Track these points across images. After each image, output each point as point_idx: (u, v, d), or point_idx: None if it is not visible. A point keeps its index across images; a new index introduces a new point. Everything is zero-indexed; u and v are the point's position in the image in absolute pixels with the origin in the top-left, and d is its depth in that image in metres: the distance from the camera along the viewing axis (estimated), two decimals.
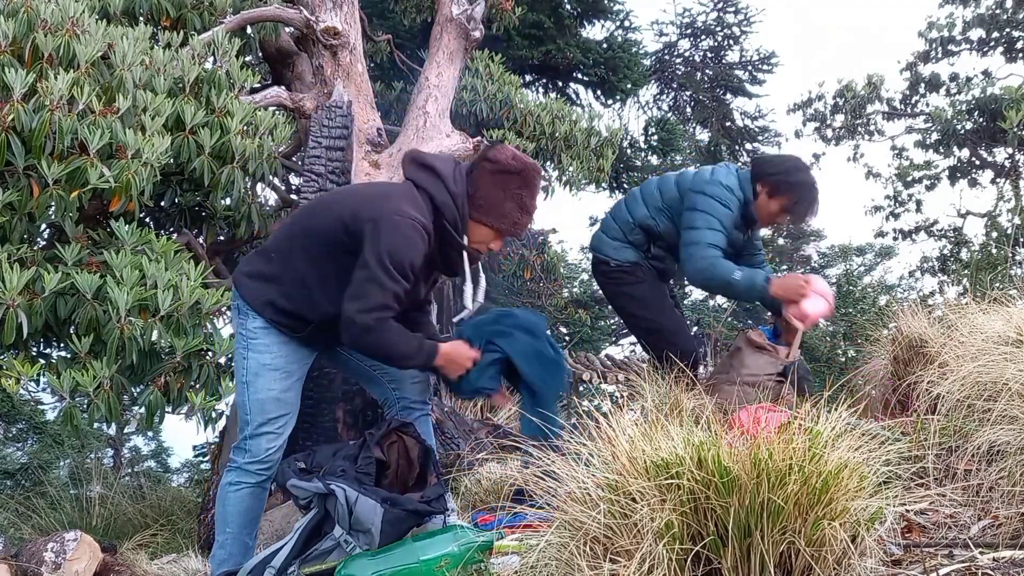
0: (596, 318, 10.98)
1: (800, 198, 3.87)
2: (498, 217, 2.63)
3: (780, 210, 3.90)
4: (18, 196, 3.24)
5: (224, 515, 2.70)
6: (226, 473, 2.73)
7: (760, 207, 3.91)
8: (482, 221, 2.64)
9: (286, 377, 2.69)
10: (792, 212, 3.92)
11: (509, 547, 2.42)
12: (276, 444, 2.68)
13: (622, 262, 4.09)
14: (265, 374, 2.66)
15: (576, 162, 7.12)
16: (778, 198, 3.87)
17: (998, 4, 11.50)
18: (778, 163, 4.01)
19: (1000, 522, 2.04)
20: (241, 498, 2.69)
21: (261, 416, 2.65)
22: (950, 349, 2.95)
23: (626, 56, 10.55)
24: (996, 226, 8.63)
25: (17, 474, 10.03)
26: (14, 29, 3.46)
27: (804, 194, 3.88)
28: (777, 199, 3.87)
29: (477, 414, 5.04)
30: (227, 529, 2.69)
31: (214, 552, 2.75)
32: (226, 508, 2.69)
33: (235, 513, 2.69)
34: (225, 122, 3.88)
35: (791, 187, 3.87)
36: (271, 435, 2.67)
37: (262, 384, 2.66)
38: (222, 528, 2.71)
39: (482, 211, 2.62)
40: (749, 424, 2.58)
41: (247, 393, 2.67)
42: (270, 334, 2.65)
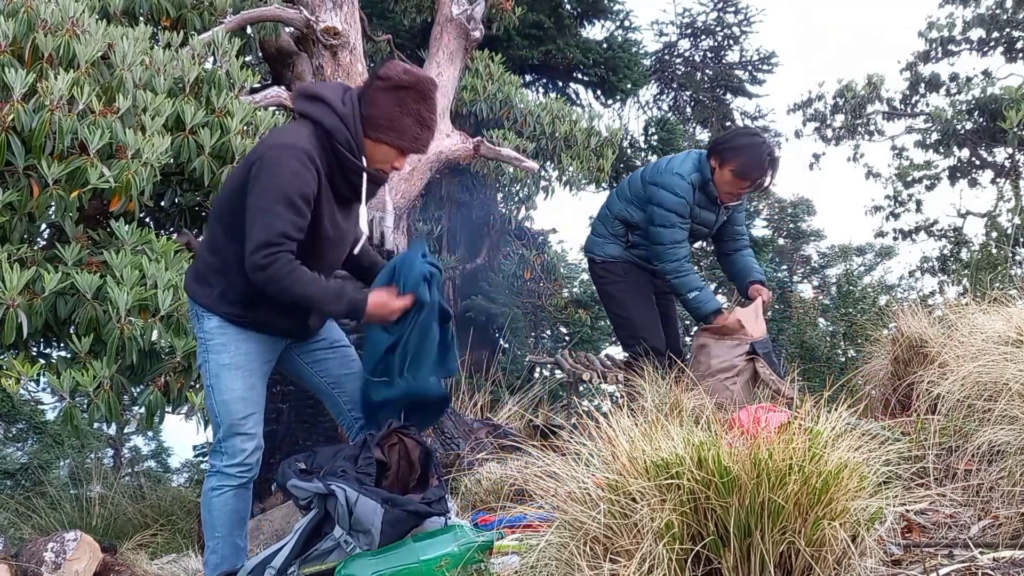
0: (596, 318, 10.96)
1: (746, 158, 3.96)
2: (397, 134, 2.53)
3: (733, 177, 3.99)
4: (18, 196, 3.24)
5: (211, 520, 2.67)
6: (207, 478, 2.70)
7: (717, 182, 4.04)
8: (381, 140, 2.54)
9: (247, 375, 2.64)
10: (744, 176, 3.99)
11: (509, 547, 2.42)
12: (251, 445, 2.65)
13: (605, 257, 4.31)
14: (224, 374, 2.61)
15: (576, 162, 7.13)
16: (727, 165, 3.98)
17: (998, 4, 11.49)
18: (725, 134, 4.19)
19: (1000, 522, 2.04)
20: (225, 501, 2.66)
21: (229, 418, 2.61)
22: (950, 349, 2.96)
23: (626, 56, 10.54)
24: (996, 226, 8.62)
25: (17, 474, 10.03)
26: (14, 29, 3.46)
27: (750, 154, 3.96)
28: (727, 167, 3.99)
29: (477, 414, 5.04)
30: (216, 534, 2.66)
31: (207, 558, 2.72)
32: (212, 513, 2.66)
33: (221, 516, 2.67)
34: (225, 122, 3.88)
35: (735, 150, 3.97)
36: (243, 436, 2.63)
37: (224, 385, 2.61)
38: (211, 533, 2.68)
39: (380, 129, 2.52)
40: (749, 424, 2.58)
41: (212, 396, 2.63)
42: (226, 332, 2.60)
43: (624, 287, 4.27)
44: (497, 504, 2.79)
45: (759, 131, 4.35)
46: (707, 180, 4.03)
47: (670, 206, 4.00)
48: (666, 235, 4.03)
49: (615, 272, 4.28)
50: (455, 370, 2.82)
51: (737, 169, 3.97)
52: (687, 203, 4.02)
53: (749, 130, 4.25)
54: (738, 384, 3.94)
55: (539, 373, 9.36)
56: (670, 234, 4.03)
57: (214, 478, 2.65)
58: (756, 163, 3.97)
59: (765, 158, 3.98)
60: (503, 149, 5.65)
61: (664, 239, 4.04)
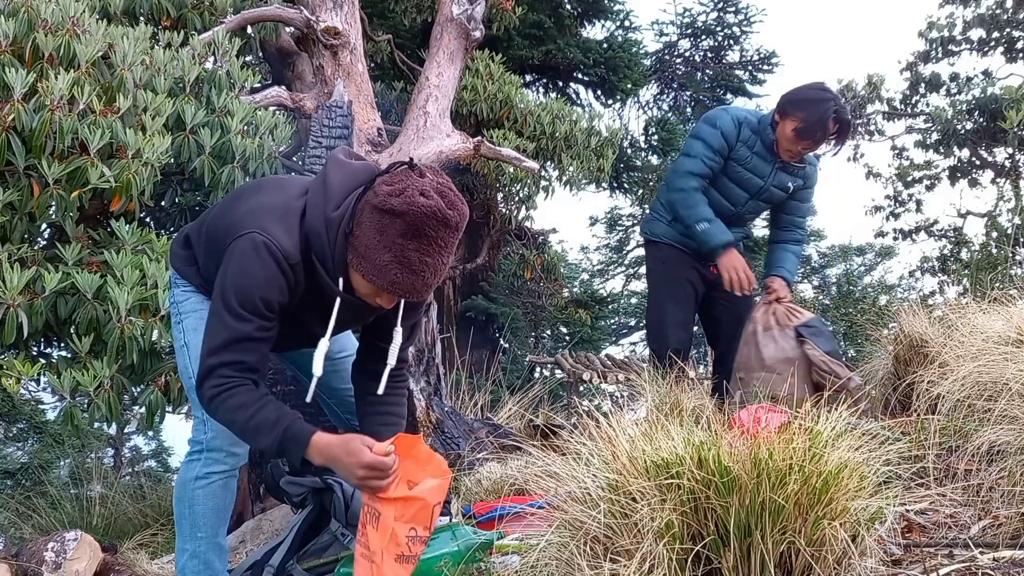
0: (596, 318, 10.97)
1: (808, 114, 3.64)
2: (370, 268, 1.96)
3: (794, 134, 3.68)
4: (18, 196, 3.24)
5: (193, 517, 2.23)
6: (187, 465, 2.24)
7: (779, 138, 3.74)
8: (354, 267, 2.00)
9: None
10: (804, 135, 3.67)
11: (509, 546, 2.42)
12: None
13: (650, 236, 4.06)
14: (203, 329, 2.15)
15: (576, 162, 7.13)
16: (788, 120, 3.69)
17: (998, 4, 11.49)
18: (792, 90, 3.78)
19: (1000, 522, 2.04)
20: (213, 493, 2.23)
21: None
22: (950, 349, 2.96)
23: (626, 56, 10.54)
24: (996, 226, 8.63)
25: (17, 474, 10.04)
26: (15, 29, 3.46)
27: (812, 109, 3.64)
28: (788, 121, 3.69)
29: (477, 414, 5.04)
30: (199, 534, 2.23)
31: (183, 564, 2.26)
32: (195, 508, 2.22)
33: (206, 513, 2.23)
34: (225, 122, 3.88)
35: (797, 104, 3.68)
36: None
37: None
38: (191, 534, 2.24)
39: (356, 254, 1.98)
40: (749, 424, 2.58)
41: (188, 355, 2.26)
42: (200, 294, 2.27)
43: (658, 275, 4.03)
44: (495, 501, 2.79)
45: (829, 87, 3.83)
46: (765, 126, 3.74)
47: (703, 135, 3.75)
48: (683, 163, 3.76)
49: (655, 257, 4.04)
50: None
51: (799, 126, 3.66)
52: (723, 136, 3.72)
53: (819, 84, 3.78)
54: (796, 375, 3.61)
55: (539, 373, 9.37)
56: (688, 163, 3.74)
57: (198, 464, 2.21)
58: (818, 121, 3.63)
59: (830, 116, 3.63)
60: (503, 149, 5.65)
61: (679, 166, 3.77)
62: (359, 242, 1.97)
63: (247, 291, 1.98)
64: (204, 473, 2.21)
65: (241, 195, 2.23)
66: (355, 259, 1.98)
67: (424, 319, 4.06)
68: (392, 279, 1.95)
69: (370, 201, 1.96)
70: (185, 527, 2.25)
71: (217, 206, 2.30)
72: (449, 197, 1.95)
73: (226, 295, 1.99)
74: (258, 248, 1.99)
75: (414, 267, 1.94)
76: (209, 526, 2.24)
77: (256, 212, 2.06)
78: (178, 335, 2.32)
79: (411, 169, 1.98)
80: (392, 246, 1.93)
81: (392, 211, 1.91)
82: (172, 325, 2.36)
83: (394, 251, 1.93)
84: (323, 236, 2.01)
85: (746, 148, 3.79)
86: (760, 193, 3.89)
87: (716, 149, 3.75)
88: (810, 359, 3.65)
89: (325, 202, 2.03)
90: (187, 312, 2.29)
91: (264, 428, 1.98)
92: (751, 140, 3.78)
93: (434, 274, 1.98)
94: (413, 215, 1.90)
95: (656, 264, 4.06)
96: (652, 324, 4.14)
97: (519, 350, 10.13)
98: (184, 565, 2.26)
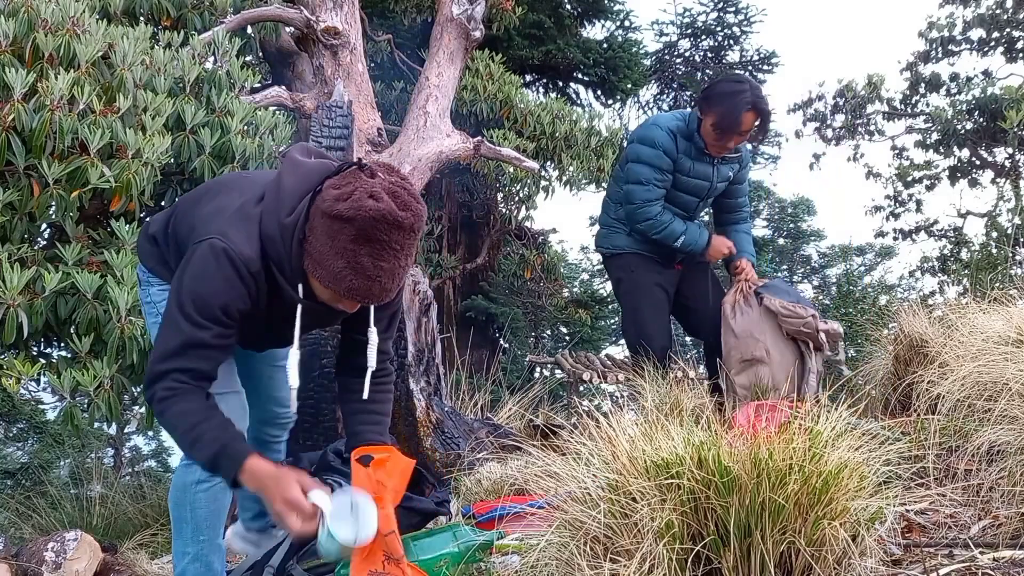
0: (596, 318, 10.97)
1: (724, 108, 3.66)
2: (325, 274, 1.91)
3: (713, 130, 3.71)
4: (18, 196, 3.24)
5: (195, 521, 2.19)
6: (185, 470, 2.19)
7: (704, 134, 3.77)
8: (311, 273, 1.95)
9: None
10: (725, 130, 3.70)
11: (509, 546, 2.42)
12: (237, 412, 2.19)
13: (612, 250, 4.11)
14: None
15: (576, 162, 7.13)
16: (706, 116, 3.72)
17: (998, 4, 11.49)
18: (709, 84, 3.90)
19: (1000, 522, 2.04)
20: (214, 496, 2.18)
21: None
22: (950, 349, 2.96)
23: (626, 56, 10.54)
24: (996, 226, 8.63)
25: (17, 474, 10.04)
26: (14, 29, 3.46)
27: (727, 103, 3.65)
28: (707, 117, 3.72)
29: (477, 414, 5.04)
30: (201, 537, 2.20)
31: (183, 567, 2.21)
32: (196, 512, 2.18)
33: (208, 516, 2.19)
34: (225, 122, 3.88)
35: (712, 100, 3.70)
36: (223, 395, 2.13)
37: None
38: (193, 537, 2.20)
39: (311, 260, 1.93)
40: (749, 424, 2.58)
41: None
42: None
43: (630, 284, 4.07)
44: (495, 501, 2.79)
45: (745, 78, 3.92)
46: (693, 132, 3.77)
47: (646, 158, 3.77)
48: (638, 193, 3.80)
49: (621, 267, 4.08)
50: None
51: (716, 120, 3.69)
52: (664, 154, 3.75)
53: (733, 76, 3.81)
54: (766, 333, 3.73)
55: (539, 373, 9.36)
56: (643, 192, 3.78)
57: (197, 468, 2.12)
58: (733, 114, 3.66)
59: (745, 108, 3.65)
60: (503, 149, 5.64)
61: (636, 197, 3.81)
62: (313, 248, 1.92)
63: (205, 298, 1.93)
64: (205, 477, 2.15)
65: (203, 195, 2.18)
66: (311, 265, 1.94)
67: (424, 319, 4.06)
68: (348, 286, 1.90)
69: (319, 206, 1.89)
70: (186, 531, 2.21)
71: (180, 204, 2.26)
72: (402, 197, 1.87)
73: (183, 301, 1.94)
74: (217, 255, 1.93)
75: (368, 273, 1.88)
76: (210, 528, 2.21)
77: (216, 216, 2.01)
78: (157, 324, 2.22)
79: (360, 170, 1.92)
80: (344, 252, 1.86)
81: (339, 216, 1.84)
82: (150, 326, 2.31)
83: (346, 257, 1.86)
84: (278, 243, 1.95)
85: (686, 157, 3.83)
86: (709, 194, 3.99)
87: (663, 169, 3.80)
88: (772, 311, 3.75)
89: (278, 207, 1.97)
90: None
91: (204, 439, 1.94)
92: (687, 148, 3.82)
93: (391, 278, 1.91)
94: (362, 220, 1.83)
95: (624, 274, 4.09)
96: (630, 332, 4.19)
97: (519, 350, 10.13)
98: (185, 569, 2.23)
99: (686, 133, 3.80)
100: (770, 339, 3.73)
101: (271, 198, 2.00)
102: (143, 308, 2.33)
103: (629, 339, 4.21)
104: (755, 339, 3.73)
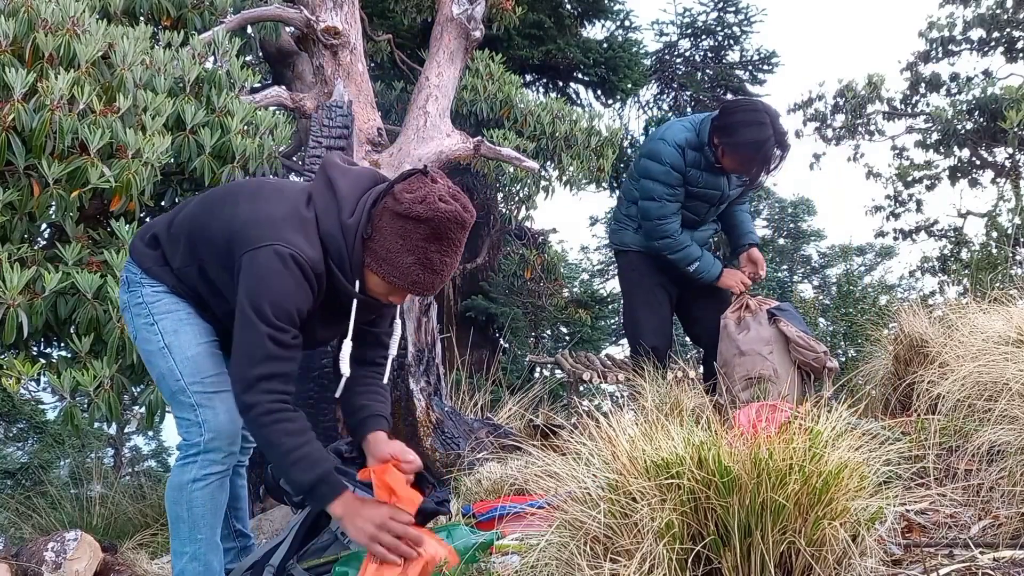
0: (596, 318, 10.97)
1: (749, 158, 3.69)
2: (391, 269, 2.08)
3: (738, 166, 3.75)
4: (19, 196, 3.24)
5: (192, 520, 2.21)
6: (181, 468, 2.21)
7: (722, 162, 3.78)
8: (372, 269, 2.11)
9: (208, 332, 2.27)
10: (749, 166, 3.74)
11: (509, 546, 2.42)
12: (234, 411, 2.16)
13: (619, 246, 4.15)
14: (185, 329, 2.23)
15: (576, 162, 7.13)
16: (729, 156, 3.74)
17: (998, 4, 11.48)
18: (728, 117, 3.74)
19: (1000, 522, 2.04)
20: (211, 494, 2.22)
21: (198, 374, 2.21)
22: (950, 349, 2.96)
23: (626, 56, 10.54)
24: (996, 226, 8.62)
25: (17, 474, 10.04)
26: (15, 29, 3.46)
27: (753, 153, 3.67)
28: (729, 156, 3.74)
29: (477, 414, 5.04)
30: (198, 536, 2.22)
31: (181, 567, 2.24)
32: (193, 511, 2.21)
33: (205, 514, 2.22)
34: (225, 122, 3.88)
35: (737, 147, 3.69)
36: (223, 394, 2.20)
37: (187, 340, 2.23)
38: (191, 536, 2.23)
39: (375, 258, 2.09)
40: (749, 424, 2.58)
41: (171, 357, 2.22)
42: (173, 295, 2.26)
43: (630, 283, 4.12)
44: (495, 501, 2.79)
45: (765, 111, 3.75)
46: (704, 144, 3.74)
47: (655, 175, 3.77)
48: (653, 210, 3.81)
49: (625, 264, 4.12)
50: None
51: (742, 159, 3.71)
52: (672, 170, 3.75)
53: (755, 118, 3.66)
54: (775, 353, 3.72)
55: (539, 373, 9.37)
56: (657, 209, 3.80)
57: (194, 465, 2.19)
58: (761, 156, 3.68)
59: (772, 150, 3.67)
60: (503, 149, 5.64)
61: (651, 214, 3.83)
62: (379, 246, 2.08)
63: (280, 302, 2.04)
64: (202, 475, 2.20)
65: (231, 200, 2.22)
66: (374, 263, 2.10)
67: (424, 319, 4.06)
68: (414, 279, 2.08)
69: (391, 208, 2.06)
70: (183, 530, 2.23)
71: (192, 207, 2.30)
72: (462, 200, 2.09)
73: (259, 308, 2.03)
74: (286, 261, 2.04)
75: (435, 268, 2.08)
76: (208, 527, 2.24)
77: (270, 223, 2.10)
78: (153, 337, 2.26)
79: (424, 175, 2.10)
80: (415, 249, 2.05)
81: (418, 217, 2.03)
82: (140, 327, 2.29)
83: (417, 254, 2.06)
84: (340, 241, 2.10)
85: (696, 170, 3.82)
86: (721, 200, 4.00)
87: (674, 185, 3.80)
88: (786, 335, 3.74)
89: (338, 208, 2.11)
90: (162, 313, 2.25)
91: (305, 464, 2.05)
92: (697, 159, 3.80)
93: (450, 272, 2.13)
94: (438, 220, 2.03)
95: (628, 272, 4.14)
96: (629, 329, 4.27)
97: (519, 350, 10.13)
98: (183, 568, 2.24)
99: (696, 145, 3.77)
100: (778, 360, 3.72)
101: (326, 201, 2.13)
102: (130, 309, 2.32)
103: (627, 336, 4.31)
104: (763, 358, 3.71)
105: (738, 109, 3.81)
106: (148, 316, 2.26)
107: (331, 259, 2.11)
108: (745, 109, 3.81)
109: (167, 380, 2.26)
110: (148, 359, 2.31)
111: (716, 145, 3.75)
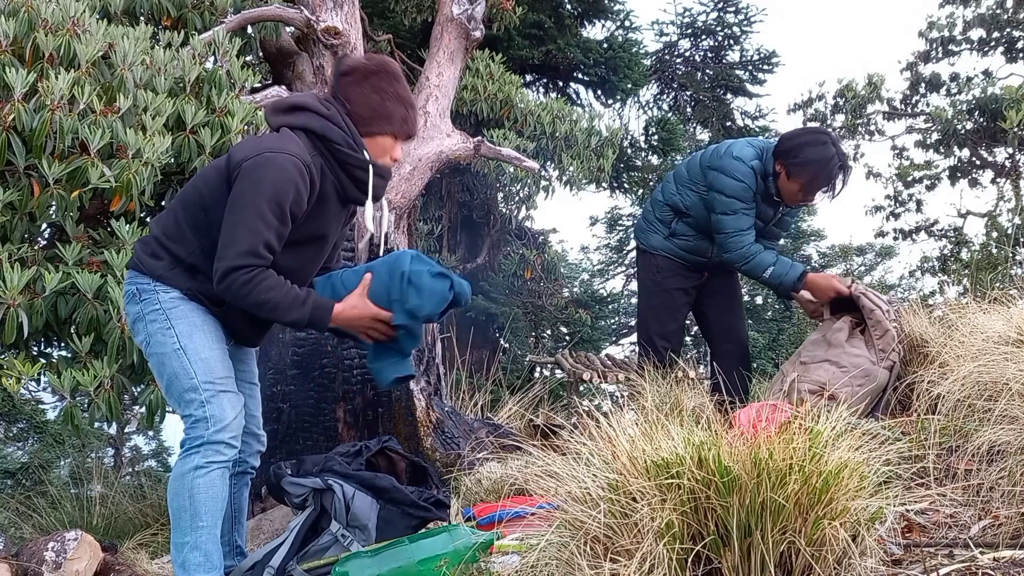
0: (596, 318, 10.97)
1: (813, 176, 3.70)
2: (385, 121, 2.45)
3: (800, 191, 3.76)
4: (19, 196, 3.24)
5: (193, 508, 2.27)
6: (185, 458, 2.31)
7: (782, 186, 3.79)
8: (372, 132, 2.45)
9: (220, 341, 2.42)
10: (813, 191, 3.76)
11: (509, 546, 2.42)
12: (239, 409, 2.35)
13: (646, 248, 4.15)
14: (199, 334, 2.36)
15: (576, 162, 7.13)
16: (794, 178, 3.74)
17: (998, 4, 11.48)
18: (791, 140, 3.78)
19: (1000, 522, 2.04)
20: (211, 482, 2.29)
21: (210, 375, 2.33)
22: (950, 349, 2.96)
23: (626, 56, 10.53)
24: (996, 226, 8.63)
25: (18, 473, 10.02)
26: (15, 29, 3.46)
27: (818, 172, 3.69)
28: (793, 180, 3.74)
29: (477, 414, 5.04)
30: (200, 523, 2.28)
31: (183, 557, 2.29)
32: (195, 499, 2.27)
33: (207, 502, 2.28)
34: (226, 122, 3.87)
35: (802, 167, 3.70)
36: (230, 394, 2.35)
37: (200, 343, 2.36)
38: (192, 524, 2.28)
39: (367, 122, 2.45)
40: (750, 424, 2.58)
41: (186, 358, 2.34)
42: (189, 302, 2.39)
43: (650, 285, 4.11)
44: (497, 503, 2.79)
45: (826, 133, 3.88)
46: (768, 174, 3.78)
47: (731, 191, 3.76)
48: (729, 223, 3.79)
49: (649, 266, 4.11)
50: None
51: (807, 183, 3.73)
52: (749, 187, 3.76)
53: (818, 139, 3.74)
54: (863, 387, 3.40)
55: (539, 373, 9.37)
56: (733, 221, 3.78)
57: (196, 455, 2.29)
58: (825, 182, 3.72)
59: (837, 173, 3.72)
60: (503, 149, 5.64)
61: (727, 227, 3.80)
62: (363, 112, 2.43)
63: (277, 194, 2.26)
64: (204, 463, 2.29)
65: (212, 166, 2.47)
66: (368, 126, 2.44)
67: None
68: (403, 117, 2.48)
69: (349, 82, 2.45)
70: (185, 519, 2.29)
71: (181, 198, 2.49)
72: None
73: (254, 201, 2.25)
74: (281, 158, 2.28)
75: (411, 102, 2.52)
76: (210, 515, 2.30)
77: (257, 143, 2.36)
78: (169, 340, 2.37)
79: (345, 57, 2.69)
80: (390, 95, 2.45)
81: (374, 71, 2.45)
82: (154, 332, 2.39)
83: (393, 98, 2.45)
84: (335, 128, 2.39)
85: (758, 196, 3.84)
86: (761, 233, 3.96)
87: (749, 202, 3.81)
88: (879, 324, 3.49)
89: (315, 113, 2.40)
90: (178, 317, 2.38)
91: (296, 303, 2.30)
92: (761, 188, 3.83)
93: (416, 105, 2.67)
94: (388, 66, 2.48)
95: (650, 273, 4.14)
96: (641, 329, 4.26)
97: (519, 350, 10.13)
98: (185, 558, 2.29)
99: (762, 172, 3.80)
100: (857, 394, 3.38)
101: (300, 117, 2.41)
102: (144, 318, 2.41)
103: (640, 332, 4.26)
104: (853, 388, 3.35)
105: (800, 132, 3.89)
106: (165, 320, 2.38)
107: (338, 145, 2.38)
108: (807, 132, 3.94)
109: (179, 379, 2.36)
110: (160, 361, 2.39)
111: (779, 171, 3.77)
